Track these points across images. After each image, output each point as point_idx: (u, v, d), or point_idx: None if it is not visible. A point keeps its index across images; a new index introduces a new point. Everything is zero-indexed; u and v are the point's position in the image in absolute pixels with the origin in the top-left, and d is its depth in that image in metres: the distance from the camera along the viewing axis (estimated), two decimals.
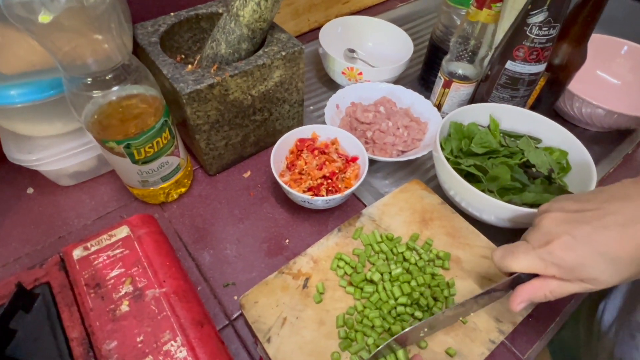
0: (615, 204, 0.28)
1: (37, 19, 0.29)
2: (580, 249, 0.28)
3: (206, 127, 0.46)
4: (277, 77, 0.47)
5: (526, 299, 0.31)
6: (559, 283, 0.29)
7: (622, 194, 0.28)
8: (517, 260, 0.31)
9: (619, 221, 0.27)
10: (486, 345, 0.35)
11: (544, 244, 0.29)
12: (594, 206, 0.29)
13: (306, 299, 0.38)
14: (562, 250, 0.28)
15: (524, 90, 0.51)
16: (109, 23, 0.34)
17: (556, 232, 0.29)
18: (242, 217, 0.48)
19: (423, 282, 0.38)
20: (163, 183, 0.46)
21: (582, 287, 0.29)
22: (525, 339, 0.40)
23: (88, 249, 0.36)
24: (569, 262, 0.28)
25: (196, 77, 0.42)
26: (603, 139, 0.61)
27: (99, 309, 0.32)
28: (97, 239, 0.36)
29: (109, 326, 0.32)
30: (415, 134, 0.55)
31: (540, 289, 0.30)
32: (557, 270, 0.29)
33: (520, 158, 0.48)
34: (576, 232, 0.28)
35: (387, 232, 0.43)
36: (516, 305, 0.31)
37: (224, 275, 0.43)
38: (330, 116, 0.56)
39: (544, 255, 0.29)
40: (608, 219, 0.27)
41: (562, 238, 0.28)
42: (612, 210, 0.28)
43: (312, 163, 0.48)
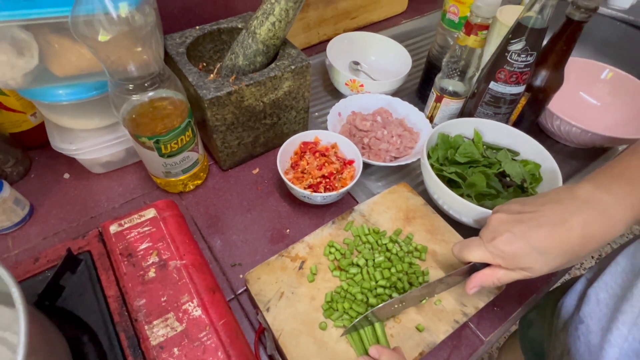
0: (548, 206, 0.34)
1: (97, 38, 0.38)
2: (517, 243, 0.34)
3: (223, 128, 0.53)
4: (286, 87, 0.55)
5: (478, 284, 0.38)
6: (504, 271, 0.36)
7: (555, 199, 0.35)
8: (471, 253, 0.38)
9: (550, 221, 0.33)
10: (450, 324, 0.42)
11: (491, 239, 0.36)
12: (532, 209, 0.35)
13: (301, 278, 0.45)
14: (503, 245, 0.35)
15: (505, 108, 0.59)
16: (150, 39, 0.42)
17: (500, 230, 0.36)
18: (250, 208, 0.56)
19: (401, 269, 0.45)
20: (183, 175, 0.54)
21: (522, 274, 0.36)
22: (488, 324, 0.47)
23: (122, 226, 0.44)
24: (509, 254, 0.35)
25: (217, 85, 0.50)
26: (581, 155, 0.67)
27: (130, 274, 0.40)
28: (129, 218, 0.45)
29: (139, 288, 0.40)
30: (408, 142, 0.62)
31: (489, 276, 0.37)
32: (502, 261, 0.36)
33: (498, 168, 0.55)
34: (515, 229, 0.35)
35: (374, 226, 0.50)
36: (470, 289, 0.39)
37: (232, 257, 0.51)
38: (332, 123, 0.64)
39: (491, 249, 0.36)
40: (541, 220, 0.34)
41: (504, 235, 0.35)
42: (545, 212, 0.34)
43: (313, 164, 0.55)
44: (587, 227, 0.33)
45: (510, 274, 0.36)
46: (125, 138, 0.55)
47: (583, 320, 0.41)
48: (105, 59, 0.41)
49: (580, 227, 0.33)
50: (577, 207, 0.33)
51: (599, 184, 0.34)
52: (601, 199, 0.33)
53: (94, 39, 0.38)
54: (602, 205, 0.33)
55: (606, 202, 0.33)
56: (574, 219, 0.33)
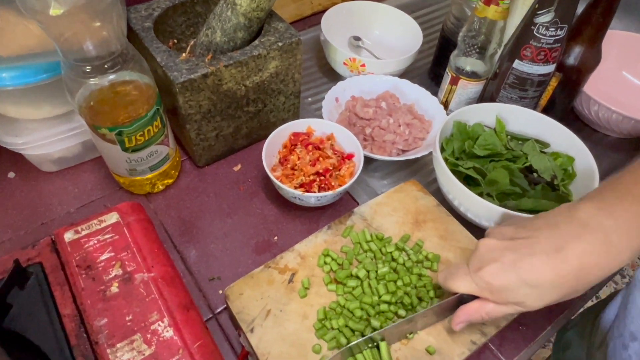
0: (544, 231, 0.35)
1: (49, 11, 0.39)
2: (505, 275, 0.35)
3: (197, 117, 0.55)
4: (273, 68, 0.57)
5: (464, 319, 0.40)
6: (493, 306, 0.38)
7: (552, 222, 0.36)
8: (457, 283, 0.40)
9: (544, 249, 0.34)
10: (466, 346, 0.44)
11: (477, 269, 0.37)
12: (527, 234, 0.36)
13: (291, 293, 0.47)
14: (490, 276, 0.36)
15: (533, 91, 0.60)
16: (111, 13, 0.44)
17: (487, 259, 0.37)
18: (231, 212, 0.58)
19: (409, 282, 0.47)
20: (150, 173, 0.56)
21: (514, 309, 0.37)
22: (512, 346, 0.48)
23: (79, 233, 0.45)
24: (496, 287, 0.36)
25: (190, 66, 0.52)
26: (624, 146, 0.69)
27: (90, 289, 0.42)
28: (88, 224, 0.46)
29: (100, 305, 0.41)
30: (418, 132, 0.64)
31: (477, 311, 0.39)
32: (490, 294, 0.37)
33: (524, 162, 0.56)
34: (504, 259, 0.36)
35: (377, 231, 0.52)
36: (456, 325, 0.41)
37: (209, 269, 0.52)
38: (329, 110, 0.65)
39: (477, 280, 0.38)
40: (535, 247, 0.35)
41: (491, 265, 0.36)
42: (540, 239, 0.35)
43: (305, 158, 0.57)
44: (584, 257, 0.33)
45: (500, 308, 0.38)
46: (81, 130, 0.57)
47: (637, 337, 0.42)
48: (57, 36, 0.42)
49: (576, 257, 0.34)
50: (574, 233, 0.34)
51: (602, 204, 0.35)
52: (602, 224, 0.33)
53: (45, 12, 0.39)
54: (603, 232, 0.33)
55: (608, 228, 0.33)
56: (570, 247, 0.34)
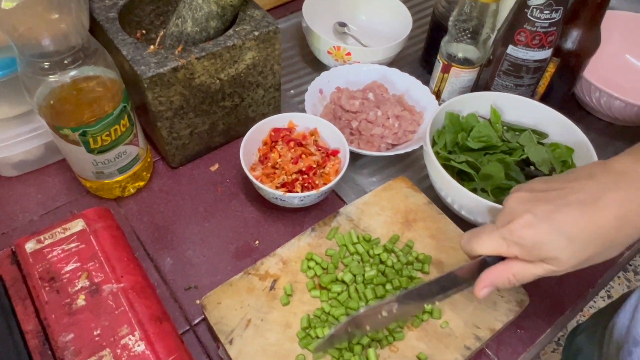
0: (579, 182, 0.36)
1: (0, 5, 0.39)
2: (539, 227, 0.35)
3: (169, 114, 0.55)
4: (249, 60, 0.57)
5: (489, 283, 0.39)
6: (522, 265, 0.37)
7: (587, 174, 0.36)
8: (481, 242, 0.38)
9: (580, 199, 0.35)
10: (460, 352, 0.45)
11: (507, 223, 0.37)
12: (559, 185, 0.36)
13: (273, 301, 0.47)
14: (522, 228, 0.36)
15: (529, 78, 0.61)
16: (69, 3, 0.44)
17: (519, 211, 0.36)
18: (208, 215, 0.58)
19: (398, 285, 0.48)
20: (120, 175, 0.56)
21: (545, 268, 0.36)
22: (510, 350, 0.49)
23: (41, 242, 0.46)
24: (529, 240, 0.35)
25: (159, 59, 0.52)
26: (628, 134, 0.71)
27: (54, 303, 0.42)
28: (51, 232, 0.46)
29: (65, 319, 0.41)
30: (408, 125, 0.64)
31: (503, 272, 0.38)
32: (519, 250, 0.36)
33: (520, 155, 0.57)
34: (537, 210, 0.35)
35: (365, 232, 0.53)
36: (480, 291, 0.39)
37: (185, 278, 0.53)
38: (312, 103, 0.66)
39: (506, 234, 0.37)
40: (570, 198, 0.35)
41: (523, 216, 0.36)
42: (575, 189, 0.35)
43: (286, 156, 0.57)
44: (623, 205, 0.34)
45: (529, 268, 0.37)
46: (43, 130, 0.57)
47: (639, 342, 0.43)
48: (11, 31, 0.42)
49: (615, 205, 0.34)
50: (612, 183, 0.35)
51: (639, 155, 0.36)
52: None
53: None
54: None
55: None
56: (608, 196, 0.34)
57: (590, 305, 1.43)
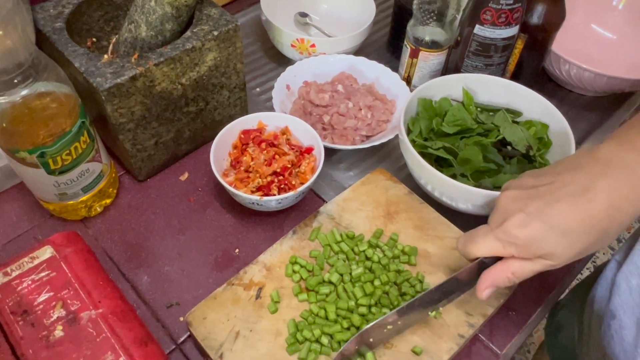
0: (567, 175, 0.38)
1: None
2: (532, 225, 0.38)
3: (131, 126, 0.56)
4: (211, 61, 0.59)
5: (490, 284, 0.42)
6: (520, 263, 0.40)
7: (574, 164, 0.39)
8: (477, 245, 0.42)
9: (570, 192, 0.37)
10: (455, 340, 0.48)
11: (500, 223, 0.40)
12: (548, 180, 0.39)
13: (260, 310, 0.49)
14: (515, 228, 0.39)
15: (498, 57, 0.65)
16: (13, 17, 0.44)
17: (511, 210, 0.39)
18: (182, 228, 0.59)
19: (387, 280, 0.51)
20: (84, 195, 0.57)
21: (542, 264, 0.39)
22: (503, 334, 0.53)
23: (9, 275, 0.46)
24: (523, 239, 0.38)
25: (115, 68, 0.53)
26: (600, 104, 0.75)
27: (30, 337, 0.43)
28: (18, 263, 0.47)
29: (44, 353, 0.42)
30: (381, 114, 0.67)
31: (502, 272, 0.41)
32: (515, 249, 0.39)
33: (496, 136, 0.61)
34: (529, 208, 0.38)
35: (347, 230, 0.55)
36: (482, 293, 0.43)
37: (165, 296, 0.54)
38: (280, 100, 0.68)
39: (500, 235, 0.40)
40: (560, 192, 0.38)
41: (515, 215, 0.39)
42: (564, 182, 0.38)
43: (259, 158, 0.59)
44: (613, 193, 0.37)
45: (527, 265, 0.40)
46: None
47: (615, 315, 0.46)
48: None
49: (605, 195, 0.37)
50: (599, 171, 0.37)
51: (623, 140, 0.38)
52: (626, 159, 0.37)
53: None
54: (628, 166, 0.37)
55: (632, 162, 0.37)
56: (597, 186, 0.37)
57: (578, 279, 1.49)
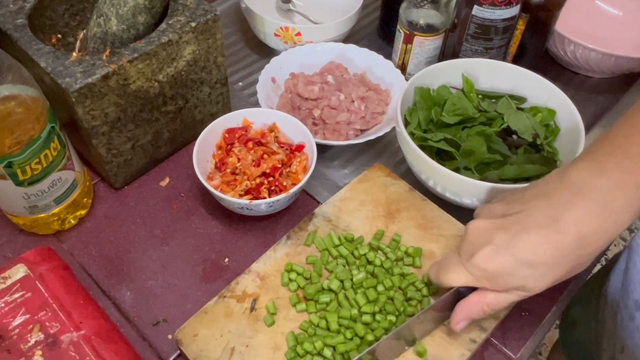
0: (536, 202, 0.38)
1: None
2: (500, 258, 0.39)
3: (105, 129, 0.55)
4: (189, 55, 0.57)
5: (464, 317, 0.43)
6: (494, 295, 0.41)
7: (544, 191, 0.39)
8: (450, 276, 0.43)
9: (538, 222, 0.37)
10: (466, 346, 0.47)
11: (470, 256, 0.41)
12: (518, 208, 0.39)
13: (256, 323, 0.48)
14: (483, 262, 0.39)
15: (499, 39, 0.64)
16: None
17: (479, 242, 0.40)
18: (166, 238, 0.58)
19: (391, 284, 0.50)
20: (57, 206, 0.55)
21: (517, 294, 0.40)
22: (517, 336, 0.52)
23: None
24: (492, 273, 0.39)
25: (85, 67, 0.51)
26: (608, 86, 0.75)
27: None
28: None
29: None
30: (375, 106, 0.66)
31: (477, 304, 0.42)
32: (488, 283, 0.41)
33: (500, 124, 0.60)
34: (497, 239, 0.39)
35: (346, 232, 0.54)
36: (456, 325, 0.44)
37: (151, 312, 0.53)
38: (265, 94, 0.66)
39: (470, 269, 0.41)
40: (527, 222, 0.38)
41: (483, 249, 0.39)
42: (532, 211, 0.38)
43: (247, 159, 0.58)
44: (582, 224, 0.36)
45: (502, 297, 0.41)
46: None
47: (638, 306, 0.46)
48: None
49: (573, 225, 0.36)
50: (568, 200, 0.37)
51: (593, 163, 0.37)
52: (596, 186, 0.36)
53: None
54: (598, 193, 0.36)
55: (603, 189, 0.36)
56: (565, 215, 0.37)
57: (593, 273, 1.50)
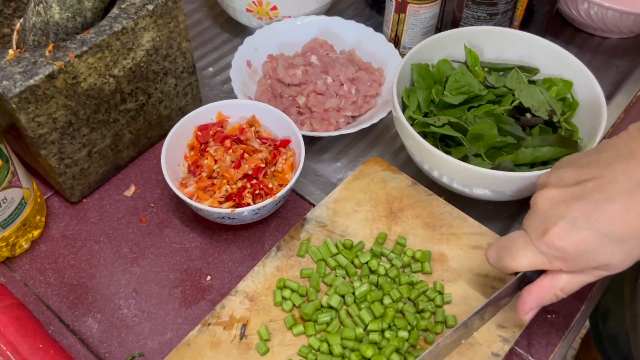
0: (619, 166, 0.36)
1: None
2: (581, 234, 0.36)
3: (54, 136, 0.52)
4: (148, 43, 0.54)
5: (535, 304, 0.41)
6: (569, 277, 0.39)
7: (627, 152, 0.37)
8: (517, 259, 0.41)
9: (624, 189, 0.35)
10: None
11: (542, 234, 0.38)
12: (596, 173, 0.37)
13: (247, 353, 0.46)
14: (561, 240, 0.37)
15: (504, 3, 0.62)
16: None
17: (553, 216, 0.38)
18: (136, 257, 0.55)
19: (399, 296, 0.48)
20: (4, 230, 0.52)
21: (596, 275, 0.39)
22: (544, 343, 0.51)
23: None
24: (572, 252, 0.37)
25: (25, 66, 0.48)
26: (628, 47, 0.73)
27: None
28: None
29: None
30: (367, 88, 0.64)
31: (548, 289, 0.40)
32: (563, 264, 0.39)
33: (511, 102, 0.58)
34: (574, 212, 0.37)
35: (343, 238, 0.52)
36: (525, 314, 0.42)
37: (124, 346, 0.50)
38: (241, 81, 0.64)
39: (544, 249, 0.39)
40: (611, 189, 0.36)
41: (559, 224, 0.37)
42: (615, 176, 0.36)
43: (224, 160, 0.55)
44: None
45: (577, 278, 0.39)
46: None
47: None
48: None
49: None
50: None
51: None
52: None
53: None
54: None
55: None
56: None
57: None
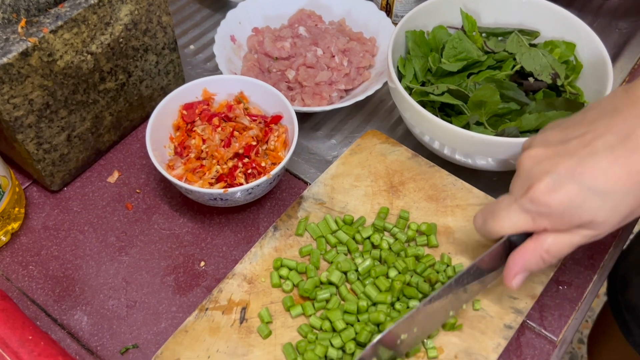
0: (603, 122, 0.39)
1: None
2: (566, 188, 0.38)
3: (31, 119, 0.53)
4: (126, 17, 0.55)
5: (521, 269, 0.43)
6: (554, 237, 0.41)
7: (609, 109, 0.39)
8: (500, 221, 0.42)
9: (608, 143, 0.37)
10: (501, 334, 0.48)
11: (525, 191, 0.40)
12: (581, 131, 0.39)
13: (249, 337, 0.48)
14: (544, 194, 0.39)
15: None
16: None
17: (537, 173, 0.40)
18: (124, 245, 0.57)
19: (405, 267, 0.50)
20: None
21: (582, 235, 0.40)
22: (557, 315, 0.53)
23: None
24: (556, 207, 0.39)
25: None
26: (631, 8, 0.76)
27: None
28: None
29: None
30: (360, 59, 0.66)
31: (534, 252, 0.41)
32: (547, 221, 0.40)
33: (513, 66, 0.60)
34: (559, 168, 0.39)
35: (343, 214, 0.54)
36: (511, 281, 0.44)
37: (117, 338, 0.52)
38: (226, 57, 0.65)
39: (527, 205, 0.40)
40: (595, 144, 0.38)
41: (543, 180, 0.39)
42: (599, 132, 0.38)
43: (213, 139, 0.57)
44: None
45: (563, 238, 0.41)
46: None
47: None
48: None
49: None
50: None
51: None
52: None
53: None
54: None
55: None
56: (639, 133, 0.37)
57: None
